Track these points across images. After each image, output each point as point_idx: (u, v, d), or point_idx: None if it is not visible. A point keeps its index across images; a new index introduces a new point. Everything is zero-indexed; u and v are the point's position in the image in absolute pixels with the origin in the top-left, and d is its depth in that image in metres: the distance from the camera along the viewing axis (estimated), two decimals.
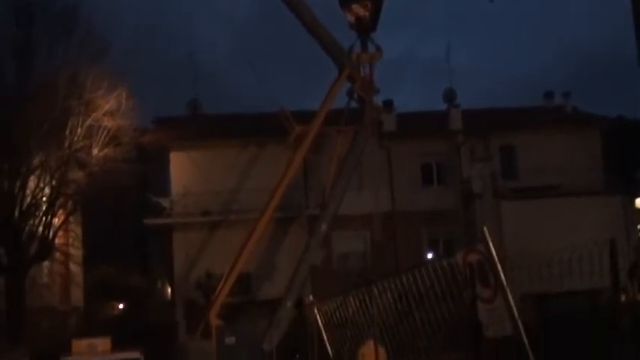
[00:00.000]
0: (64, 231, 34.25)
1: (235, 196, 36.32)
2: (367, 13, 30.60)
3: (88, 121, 31.26)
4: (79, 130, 31.21)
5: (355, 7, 30.50)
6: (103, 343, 22.72)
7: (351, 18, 30.77)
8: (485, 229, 11.36)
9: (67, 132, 31.07)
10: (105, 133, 31.68)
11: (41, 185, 31.04)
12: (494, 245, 11.56)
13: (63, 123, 30.96)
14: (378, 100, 34.75)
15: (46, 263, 34.03)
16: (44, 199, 31.31)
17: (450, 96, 41.25)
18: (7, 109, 29.83)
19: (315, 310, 19.83)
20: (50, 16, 31.44)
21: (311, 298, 22.45)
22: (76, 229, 35.82)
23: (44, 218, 31.12)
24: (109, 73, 31.39)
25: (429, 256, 36.66)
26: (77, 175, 31.68)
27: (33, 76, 31.13)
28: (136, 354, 21.84)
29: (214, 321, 29.18)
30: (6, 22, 30.90)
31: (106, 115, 31.47)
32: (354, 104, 32.39)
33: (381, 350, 17.26)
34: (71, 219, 34.33)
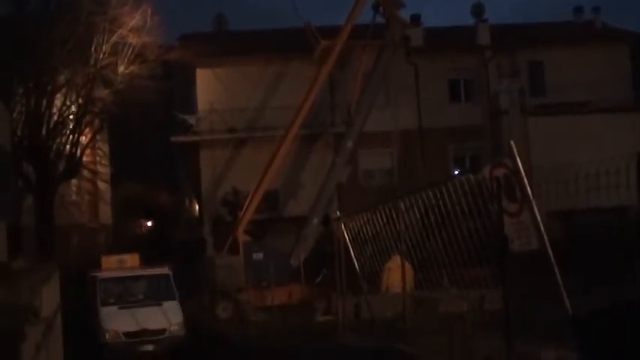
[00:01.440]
0: (92, 149, 34.51)
1: (261, 113, 36.24)
2: None
3: (113, 38, 31.16)
4: (104, 47, 31.15)
5: None
6: (131, 259, 23.12)
7: None
8: (512, 143, 11.26)
9: (92, 49, 31.02)
10: (130, 51, 31.58)
11: (67, 103, 31.18)
12: (521, 160, 11.48)
13: (88, 40, 30.89)
14: (404, 14, 34.27)
15: (74, 181, 34.43)
16: (71, 117, 31.50)
17: (478, 10, 40.55)
18: (31, 26, 29.72)
19: (342, 226, 19.95)
20: None
21: (337, 214, 22.54)
22: (103, 147, 36.07)
23: (71, 136, 31.37)
24: None
25: (456, 172, 36.60)
26: (103, 92, 31.71)
27: None
28: (165, 269, 22.19)
29: (242, 237, 29.51)
30: None
31: (131, 32, 31.33)
32: (379, 19, 31.95)
33: (408, 265, 17.43)
34: (98, 137, 34.55)
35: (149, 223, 48.46)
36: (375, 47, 32.06)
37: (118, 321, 20.19)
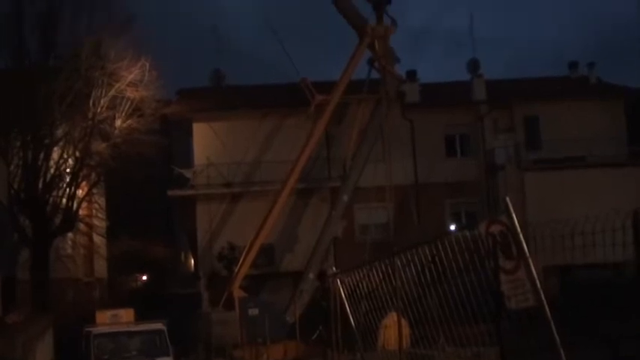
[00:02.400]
0: (88, 202, 34.44)
1: (257, 166, 36.36)
2: None
3: (112, 92, 31.34)
4: (102, 101, 31.32)
5: None
6: (126, 313, 22.96)
7: None
8: (507, 199, 11.25)
9: (91, 103, 31.19)
10: (128, 104, 31.76)
11: (65, 156, 31.23)
12: (517, 215, 11.46)
13: (86, 94, 31.10)
14: (400, 70, 34.57)
15: (70, 235, 34.28)
16: (68, 170, 31.51)
17: (473, 66, 40.91)
18: (31, 80, 29.91)
19: (338, 282, 19.83)
20: None
21: (333, 269, 22.42)
22: (99, 201, 36.01)
23: (68, 190, 31.33)
24: (133, 44, 31.42)
25: (452, 227, 36.57)
26: (100, 146, 31.77)
27: (57, 46, 31.24)
28: (159, 325, 22.01)
29: (237, 292, 29.34)
30: None
31: (130, 86, 31.53)
32: (375, 74, 32.23)
33: (404, 322, 17.28)
34: (95, 190, 34.49)
35: (144, 277, 48.14)
36: (371, 102, 32.28)
37: None
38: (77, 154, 31.39)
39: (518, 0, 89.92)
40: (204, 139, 36.83)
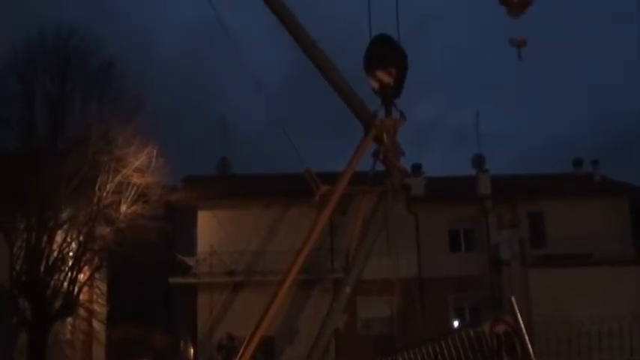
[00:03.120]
0: (89, 287, 34.25)
1: (260, 256, 36.22)
2: (392, 80, 30.59)
3: (118, 178, 31.56)
4: (108, 186, 31.49)
5: (380, 73, 30.46)
6: None
7: (375, 84, 30.80)
8: (513, 299, 11.18)
9: (97, 188, 31.36)
10: (134, 190, 31.93)
11: (68, 240, 31.22)
12: (521, 313, 11.37)
13: (93, 178, 31.28)
14: (405, 163, 34.70)
15: (69, 319, 33.98)
16: (71, 254, 31.45)
17: (478, 162, 41.16)
18: (38, 162, 30.13)
19: None
20: (84, 73, 31.98)
21: None
22: (100, 286, 35.80)
23: (70, 274, 31.20)
24: (141, 131, 31.75)
25: (455, 323, 36.20)
26: (104, 231, 31.79)
27: (65, 131, 31.58)
28: None
29: None
30: (41, 78, 31.44)
31: (136, 172, 31.78)
32: (380, 166, 32.34)
33: None
34: (96, 275, 34.35)
35: None
36: (375, 194, 32.31)
37: None
38: (81, 238, 31.39)
39: (523, 98, 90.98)
40: (208, 227, 36.83)
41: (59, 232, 30.96)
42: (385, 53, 30.52)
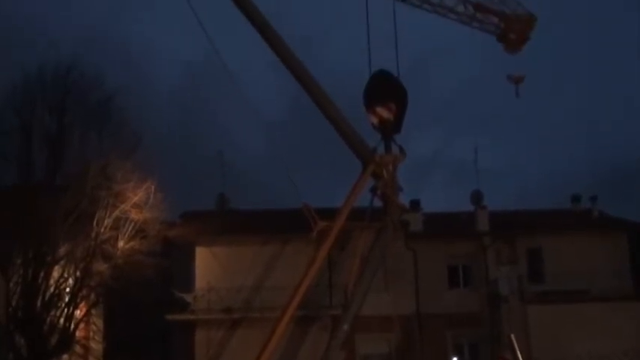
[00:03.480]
0: (86, 324, 33.97)
1: (257, 292, 36.10)
2: (391, 116, 30.72)
3: (116, 213, 31.52)
4: (106, 221, 31.44)
5: (379, 109, 30.64)
6: None
7: (374, 120, 30.93)
8: (512, 336, 11.14)
9: (95, 223, 31.29)
10: (132, 226, 31.87)
11: (65, 276, 31.06)
12: (521, 352, 11.32)
13: (91, 214, 31.22)
14: (404, 199, 34.72)
15: (65, 356, 33.70)
16: (67, 290, 31.28)
17: (476, 198, 41.15)
18: (36, 197, 30.11)
19: None
20: (83, 108, 32.07)
21: None
22: (97, 322, 35.53)
23: (66, 310, 31.01)
24: (139, 166, 31.77)
25: None
26: (101, 267, 31.67)
27: (63, 166, 31.57)
28: None
29: None
30: (39, 113, 31.51)
31: (134, 208, 31.74)
32: (378, 202, 32.34)
33: None
34: (93, 312, 34.12)
35: None
36: (373, 230, 32.26)
37: None
38: (78, 273, 31.23)
39: (521, 133, 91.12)
40: (206, 263, 36.72)
41: (56, 267, 30.83)
42: (385, 89, 30.71)
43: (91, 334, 34.95)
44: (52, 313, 30.65)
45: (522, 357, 10.33)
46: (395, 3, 29.07)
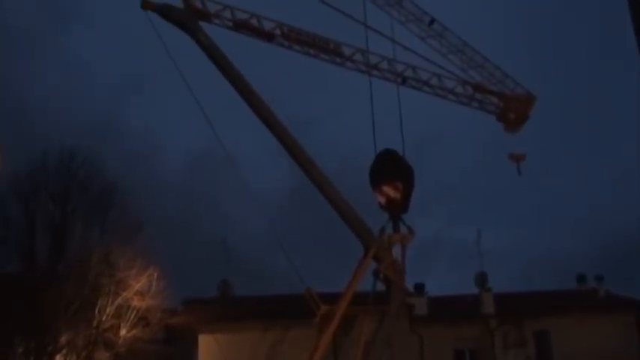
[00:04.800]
0: None
1: None
2: (398, 195, 30.68)
3: (118, 301, 31.41)
4: (108, 309, 31.31)
5: (386, 188, 30.60)
6: None
7: (381, 199, 30.89)
8: None
9: (97, 311, 31.16)
10: (134, 313, 31.70)
11: None
12: None
13: (93, 302, 31.13)
14: (408, 282, 34.53)
15: None
16: None
17: (481, 280, 40.88)
18: (38, 286, 30.05)
19: None
20: (86, 195, 32.28)
21: None
22: None
23: None
24: (142, 253, 31.79)
25: None
26: (103, 355, 31.44)
27: (66, 254, 31.61)
28: None
29: None
30: (42, 200, 31.72)
31: (136, 295, 31.62)
32: (381, 285, 32.15)
33: None
34: None
35: None
36: (377, 314, 31.99)
37: None
38: None
39: (524, 213, 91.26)
40: (209, 350, 36.24)
41: (58, 356, 30.58)
42: (391, 167, 30.72)
43: None
44: None
45: None
46: (399, 86, 29.41)
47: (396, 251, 31.12)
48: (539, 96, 28.99)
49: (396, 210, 30.98)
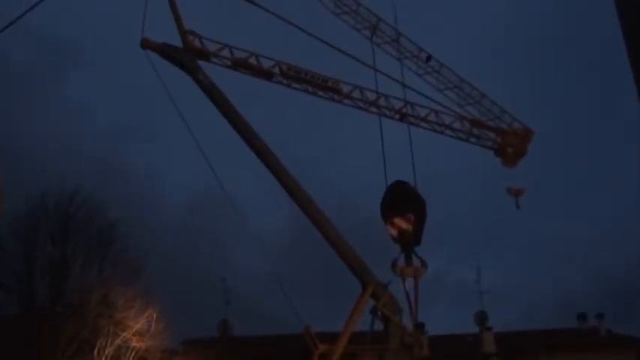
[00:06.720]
0: None
1: None
2: (410, 227, 30.50)
3: (117, 341, 31.20)
4: (107, 350, 31.08)
5: (397, 220, 30.44)
6: None
7: (393, 231, 30.72)
8: None
9: (95, 352, 30.94)
10: (133, 354, 31.50)
11: None
12: None
13: (92, 342, 30.93)
14: (406, 321, 34.36)
15: None
16: None
17: (481, 319, 40.76)
18: (38, 328, 29.94)
19: None
20: (85, 236, 32.31)
21: None
22: None
23: None
24: (141, 293, 31.70)
25: None
26: None
27: (65, 294, 31.54)
28: None
29: None
30: (42, 240, 31.74)
31: (136, 336, 31.44)
32: (379, 324, 32.01)
33: None
34: None
35: None
36: (376, 353, 31.83)
37: None
38: None
39: (524, 252, 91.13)
40: None
41: None
42: (402, 199, 30.54)
43: None
44: None
45: None
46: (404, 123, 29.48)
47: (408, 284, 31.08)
48: (539, 131, 29.03)
49: (408, 242, 30.82)
